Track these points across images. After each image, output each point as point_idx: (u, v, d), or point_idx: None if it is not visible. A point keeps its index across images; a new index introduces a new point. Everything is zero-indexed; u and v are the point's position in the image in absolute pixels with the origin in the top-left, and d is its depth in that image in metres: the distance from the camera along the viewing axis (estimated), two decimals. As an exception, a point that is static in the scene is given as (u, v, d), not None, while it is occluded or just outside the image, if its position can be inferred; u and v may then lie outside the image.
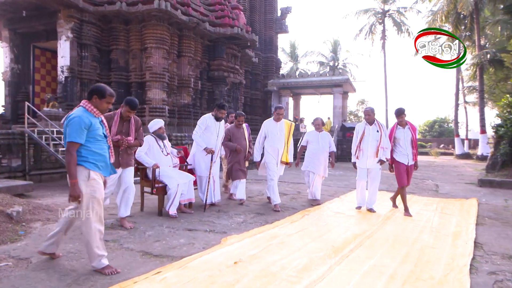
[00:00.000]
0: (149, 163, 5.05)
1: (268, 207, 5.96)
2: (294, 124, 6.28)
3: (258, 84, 21.04)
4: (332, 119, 21.06)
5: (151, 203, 5.78)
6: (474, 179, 10.69)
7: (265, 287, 2.82)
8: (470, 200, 7.06)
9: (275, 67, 22.59)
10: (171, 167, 5.44)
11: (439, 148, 29.70)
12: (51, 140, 8.78)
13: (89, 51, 11.76)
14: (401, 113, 5.47)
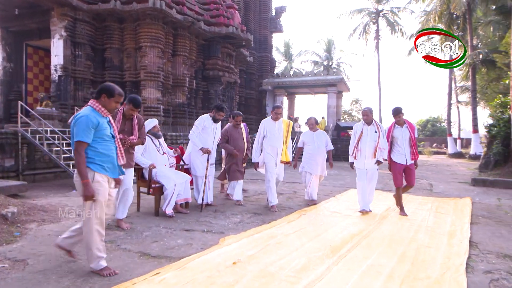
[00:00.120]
0: (145, 163, 5.02)
1: (265, 207, 5.97)
2: (292, 122, 6.26)
3: (253, 84, 21.03)
4: (326, 119, 21.12)
5: (147, 203, 5.75)
6: (467, 178, 10.81)
7: (264, 287, 2.83)
8: (464, 199, 7.14)
9: (269, 66, 22.60)
10: (168, 167, 5.43)
11: (432, 147, 29.99)
12: (45, 139, 8.70)
13: (83, 49, 11.66)
14: (398, 112, 5.43)
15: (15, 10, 11.29)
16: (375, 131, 5.53)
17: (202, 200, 5.64)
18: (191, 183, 5.80)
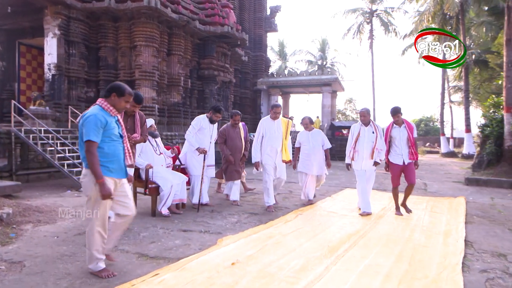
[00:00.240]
0: (142, 164, 5.00)
1: (262, 207, 5.97)
2: (291, 121, 6.17)
3: (248, 83, 21.02)
4: (321, 118, 21.19)
5: (143, 203, 5.73)
6: (461, 177, 10.93)
7: (264, 288, 2.84)
8: (458, 198, 7.21)
9: (264, 65, 22.60)
10: (164, 167, 5.41)
11: (425, 147, 30.27)
12: (39, 139, 8.61)
13: (77, 48, 11.55)
14: (397, 112, 5.37)
15: (7, 8, 11.15)
16: (373, 132, 5.51)
17: (199, 201, 5.63)
18: (188, 183, 5.79)
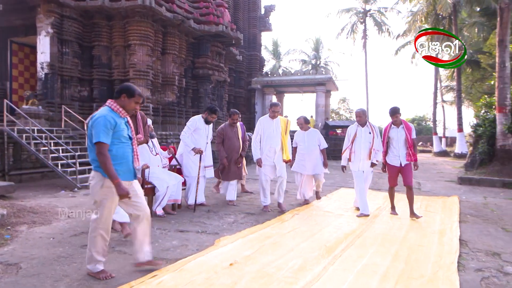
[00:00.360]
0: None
1: (258, 207, 5.98)
2: (290, 120, 6.07)
3: (242, 82, 21.01)
4: (315, 117, 21.25)
5: (139, 204, 5.69)
6: (453, 176, 11.04)
7: (262, 288, 2.84)
8: (452, 197, 7.29)
9: (258, 65, 22.59)
10: (160, 168, 5.39)
11: (418, 146, 30.46)
12: (32, 139, 8.51)
13: (70, 47, 11.43)
14: (396, 112, 5.34)
15: (-1, 6, 11.02)
16: (369, 132, 5.51)
17: (195, 201, 5.62)
18: (184, 184, 5.78)
